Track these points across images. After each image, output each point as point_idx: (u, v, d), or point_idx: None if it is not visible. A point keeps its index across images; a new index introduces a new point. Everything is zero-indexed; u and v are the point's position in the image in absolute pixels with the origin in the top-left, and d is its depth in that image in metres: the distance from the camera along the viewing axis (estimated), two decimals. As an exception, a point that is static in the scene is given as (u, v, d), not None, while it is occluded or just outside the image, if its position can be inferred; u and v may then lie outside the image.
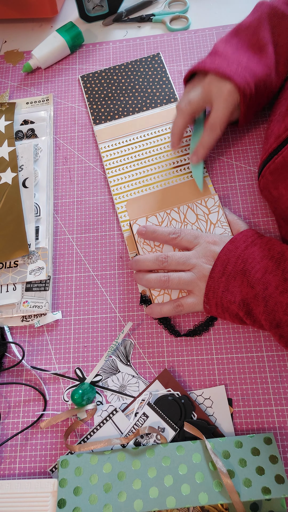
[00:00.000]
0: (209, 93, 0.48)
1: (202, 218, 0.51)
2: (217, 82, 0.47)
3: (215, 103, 0.48)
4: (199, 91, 0.48)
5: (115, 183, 0.57)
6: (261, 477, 0.40)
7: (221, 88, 0.47)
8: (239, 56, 0.49)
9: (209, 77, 0.48)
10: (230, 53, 0.50)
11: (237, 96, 0.47)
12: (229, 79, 0.46)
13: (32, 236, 0.54)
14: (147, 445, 0.43)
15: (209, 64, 0.48)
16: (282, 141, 0.45)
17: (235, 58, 0.49)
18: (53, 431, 0.46)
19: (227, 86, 0.47)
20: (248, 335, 0.48)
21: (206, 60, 0.49)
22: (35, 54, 0.66)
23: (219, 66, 0.47)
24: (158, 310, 0.48)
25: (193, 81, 0.50)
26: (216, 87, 0.47)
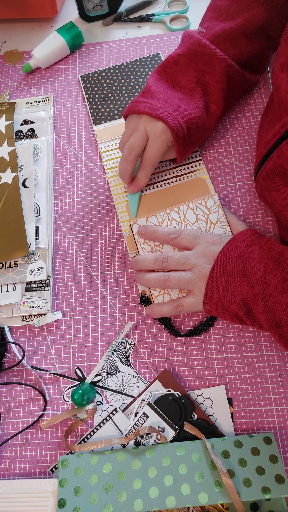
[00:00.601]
0: (145, 132, 0.50)
1: (202, 218, 0.51)
2: (151, 122, 0.49)
3: (149, 141, 0.50)
4: (137, 135, 0.50)
5: (115, 183, 0.57)
6: (261, 477, 0.40)
7: (154, 128, 0.49)
8: (170, 97, 0.51)
9: (143, 118, 0.50)
10: (162, 92, 0.51)
11: (169, 135, 0.49)
12: (162, 120, 0.48)
13: (32, 236, 0.54)
14: (147, 445, 0.43)
15: (143, 107, 0.50)
16: (271, 147, 0.45)
17: (166, 99, 0.50)
18: (53, 431, 0.46)
19: (159, 126, 0.49)
20: (248, 335, 0.48)
21: (139, 100, 0.51)
22: (35, 54, 0.66)
23: (152, 108, 0.49)
24: (158, 310, 0.48)
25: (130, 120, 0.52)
26: (150, 126, 0.49)
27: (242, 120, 0.59)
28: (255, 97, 0.61)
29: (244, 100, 0.61)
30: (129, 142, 0.50)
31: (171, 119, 0.48)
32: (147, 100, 0.50)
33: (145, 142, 0.50)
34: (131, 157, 0.51)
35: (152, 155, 0.50)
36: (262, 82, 0.61)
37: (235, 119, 0.60)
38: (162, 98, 0.50)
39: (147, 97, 0.51)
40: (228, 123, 0.60)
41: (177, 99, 0.51)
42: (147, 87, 0.52)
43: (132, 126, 0.51)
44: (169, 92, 0.51)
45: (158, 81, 0.53)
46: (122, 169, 0.52)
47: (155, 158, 0.50)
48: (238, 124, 0.59)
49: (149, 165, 0.51)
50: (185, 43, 0.53)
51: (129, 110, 0.51)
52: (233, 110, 0.60)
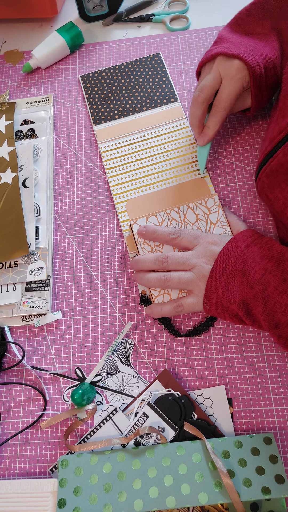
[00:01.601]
0: (219, 74, 0.47)
1: (202, 218, 0.51)
2: (225, 61, 0.47)
3: (223, 82, 0.47)
4: (209, 77, 0.48)
5: (115, 183, 0.57)
6: (261, 477, 0.40)
7: (229, 67, 0.46)
8: (245, 40, 0.48)
9: (217, 60, 0.47)
10: (235, 38, 0.49)
11: (245, 74, 0.46)
12: (238, 58, 0.46)
13: (32, 236, 0.54)
14: (147, 445, 0.43)
15: (215, 49, 0.47)
16: (277, 144, 0.44)
17: (241, 42, 0.48)
18: (53, 431, 0.46)
19: (235, 63, 0.46)
20: (248, 335, 0.48)
21: (212, 47, 0.49)
22: (35, 54, 0.66)
23: (226, 48, 0.47)
24: (158, 310, 0.48)
25: (203, 71, 0.50)
26: (225, 66, 0.47)
27: (242, 120, 0.59)
28: (255, 97, 0.61)
29: (244, 100, 0.61)
30: (200, 84, 0.47)
31: (247, 55, 0.46)
32: (220, 45, 0.48)
33: (217, 84, 0.47)
34: (200, 98, 0.47)
35: (226, 96, 0.47)
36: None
37: (235, 119, 0.60)
38: (236, 41, 0.48)
39: (220, 43, 0.49)
40: (229, 123, 0.60)
41: (252, 42, 0.48)
42: (219, 36, 0.50)
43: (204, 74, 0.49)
44: (243, 38, 0.49)
45: (230, 32, 0.51)
46: (191, 114, 0.50)
47: (229, 100, 0.47)
48: (238, 124, 0.59)
49: (221, 109, 0.48)
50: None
51: (202, 60, 0.49)
52: (233, 110, 0.60)
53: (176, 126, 0.60)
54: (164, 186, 0.56)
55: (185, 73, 0.64)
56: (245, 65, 0.46)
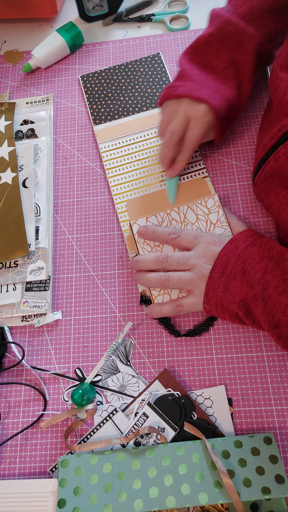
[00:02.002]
0: (186, 116, 0.49)
1: (202, 218, 0.51)
2: (192, 104, 0.49)
3: (190, 123, 0.50)
4: (178, 120, 0.50)
5: (115, 183, 0.57)
6: (261, 477, 0.40)
7: (197, 110, 0.49)
8: (206, 79, 0.51)
9: (184, 102, 0.49)
10: (197, 74, 0.51)
11: (211, 117, 0.49)
12: (205, 102, 0.48)
13: (32, 236, 0.54)
14: (147, 445, 0.43)
15: (182, 90, 0.49)
16: (268, 150, 0.45)
17: (203, 80, 0.50)
18: (53, 431, 0.46)
19: (202, 107, 0.48)
20: (248, 335, 0.48)
21: (177, 84, 0.51)
22: (35, 54, 0.66)
23: (192, 90, 0.49)
24: (158, 310, 0.48)
25: (167, 106, 0.52)
26: (192, 109, 0.49)
27: (242, 120, 0.59)
28: (255, 97, 0.61)
29: (244, 100, 0.61)
30: (170, 127, 0.50)
31: (213, 100, 0.48)
32: (184, 83, 0.50)
33: (186, 125, 0.50)
34: (172, 142, 0.50)
35: (194, 138, 0.50)
36: (262, 82, 0.61)
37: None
38: (198, 80, 0.50)
39: (184, 80, 0.50)
40: (228, 123, 0.60)
41: (212, 80, 0.50)
42: (181, 70, 0.52)
43: (170, 111, 0.51)
44: (204, 74, 0.51)
45: (190, 63, 0.52)
46: (163, 155, 0.52)
47: (196, 141, 0.50)
48: (238, 124, 0.59)
49: (189, 148, 0.51)
50: (215, 22, 0.52)
51: (167, 95, 0.51)
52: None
53: (176, 126, 0.60)
54: (164, 186, 0.56)
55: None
56: (211, 110, 0.48)
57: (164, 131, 0.53)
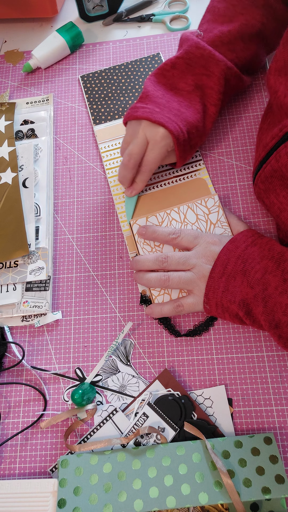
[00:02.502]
0: (145, 138, 0.50)
1: (202, 218, 0.51)
2: (151, 127, 0.49)
3: (149, 146, 0.50)
4: (137, 142, 0.50)
5: (115, 183, 0.57)
6: (261, 477, 0.40)
7: (155, 133, 0.49)
8: (169, 101, 0.51)
9: (143, 124, 0.49)
10: (160, 96, 0.51)
11: (169, 141, 0.49)
12: (163, 126, 0.48)
13: (32, 236, 0.54)
14: (147, 445, 0.43)
15: (141, 112, 0.49)
16: (269, 150, 0.45)
17: (165, 103, 0.50)
18: (53, 431, 0.46)
19: (160, 131, 0.48)
20: (248, 335, 0.48)
21: (138, 105, 0.51)
22: (35, 54, 0.66)
23: (151, 113, 0.49)
24: (159, 310, 0.48)
25: (129, 126, 0.52)
26: (150, 131, 0.49)
27: (242, 120, 0.59)
28: (255, 97, 0.61)
29: (244, 100, 0.61)
30: (129, 149, 0.50)
31: (171, 124, 0.48)
32: (145, 105, 0.50)
33: (144, 148, 0.50)
34: (130, 164, 0.50)
35: (152, 160, 0.50)
36: (262, 83, 0.61)
37: (235, 119, 0.60)
38: (160, 102, 0.50)
39: (146, 102, 0.51)
40: (228, 123, 0.60)
41: (176, 103, 0.51)
42: (145, 92, 0.52)
43: (131, 132, 0.51)
44: (168, 96, 0.51)
45: (156, 84, 0.53)
46: (121, 176, 0.52)
47: (154, 163, 0.50)
48: (238, 124, 0.59)
49: (147, 170, 0.51)
50: (183, 46, 0.53)
51: (128, 116, 0.51)
52: (233, 110, 0.60)
53: (176, 126, 0.60)
54: (164, 186, 0.56)
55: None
56: (169, 133, 0.48)
57: (123, 151, 0.53)
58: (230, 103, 0.61)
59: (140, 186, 0.53)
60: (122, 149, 0.53)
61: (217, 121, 0.60)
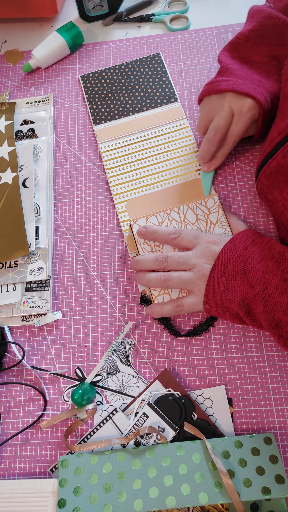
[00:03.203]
0: (231, 111, 0.49)
1: (202, 218, 0.51)
2: (237, 99, 0.49)
3: (234, 119, 0.49)
4: (223, 115, 0.49)
5: (115, 183, 0.57)
6: (261, 477, 0.40)
7: (242, 105, 0.48)
8: (248, 73, 0.50)
9: (228, 97, 0.49)
10: (239, 69, 0.51)
11: (256, 111, 0.49)
12: (250, 96, 0.48)
13: (32, 236, 0.54)
14: (147, 445, 0.43)
15: (225, 84, 0.49)
16: (276, 145, 0.45)
17: (246, 75, 0.50)
18: (53, 431, 0.46)
19: (247, 102, 0.48)
20: (248, 335, 0.48)
21: (219, 79, 0.50)
22: (35, 54, 0.66)
23: (236, 85, 0.48)
24: (159, 310, 0.48)
25: (208, 102, 0.51)
26: (237, 104, 0.49)
27: (242, 120, 0.59)
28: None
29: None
30: (215, 123, 0.49)
31: (258, 94, 0.48)
32: (228, 78, 0.49)
33: (230, 121, 0.49)
34: (217, 138, 0.50)
35: (237, 133, 0.50)
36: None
37: (235, 119, 0.60)
38: (241, 75, 0.50)
39: (227, 75, 0.50)
40: (228, 123, 0.60)
41: (256, 75, 0.50)
42: (223, 65, 0.51)
43: (210, 107, 0.50)
44: (245, 69, 0.51)
45: (231, 59, 0.52)
46: (205, 151, 0.52)
47: (239, 136, 0.50)
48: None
49: (231, 143, 0.51)
50: (256, 18, 0.52)
51: (208, 91, 0.50)
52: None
53: (176, 126, 0.60)
54: (164, 186, 0.56)
55: (185, 73, 0.64)
56: (257, 104, 0.48)
57: (202, 127, 0.53)
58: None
59: (220, 161, 0.53)
60: (200, 126, 0.53)
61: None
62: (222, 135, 0.50)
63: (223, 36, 0.66)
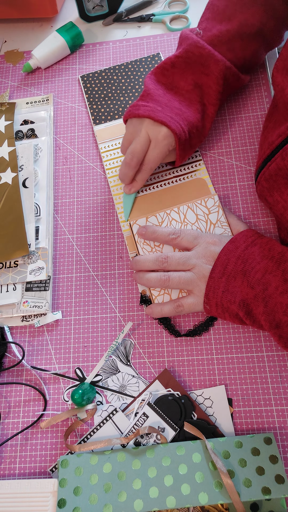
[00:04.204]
0: (147, 136, 0.50)
1: (202, 218, 0.51)
2: (153, 126, 0.49)
3: (151, 145, 0.50)
4: (139, 141, 0.50)
5: (115, 183, 0.57)
6: (261, 477, 0.40)
7: (157, 132, 0.49)
8: (170, 100, 0.51)
9: (145, 123, 0.50)
10: (161, 95, 0.51)
11: (171, 140, 0.49)
12: (165, 125, 0.48)
13: (32, 236, 0.54)
14: (147, 445, 0.43)
15: (143, 110, 0.49)
16: (275, 148, 0.45)
17: (167, 102, 0.50)
18: (53, 431, 0.46)
19: (163, 130, 0.49)
20: (248, 335, 0.48)
21: (139, 104, 0.51)
22: (35, 54, 0.66)
23: (153, 111, 0.49)
24: (159, 310, 0.48)
25: (130, 124, 0.52)
26: (153, 130, 0.49)
27: (242, 120, 0.59)
28: (255, 97, 0.61)
29: (244, 100, 0.61)
30: (131, 148, 0.50)
31: (173, 123, 0.48)
32: (146, 103, 0.50)
33: (146, 146, 0.50)
34: (133, 163, 0.51)
35: (153, 159, 0.50)
36: (262, 82, 0.61)
37: (235, 119, 0.60)
38: (162, 101, 0.50)
39: (147, 100, 0.51)
40: (228, 123, 0.60)
41: (177, 102, 0.51)
42: (146, 90, 0.52)
43: (132, 130, 0.51)
44: (168, 96, 0.52)
45: (156, 83, 0.53)
46: (122, 174, 0.52)
47: (155, 162, 0.51)
48: (238, 124, 0.59)
49: (148, 168, 0.51)
50: (183, 44, 0.53)
51: (129, 114, 0.51)
52: (233, 110, 0.60)
53: (176, 126, 0.60)
54: (164, 186, 0.56)
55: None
56: (172, 132, 0.48)
57: (125, 148, 0.53)
58: (230, 103, 0.61)
59: (140, 184, 0.53)
60: (123, 146, 0.54)
61: (217, 121, 0.60)
62: (138, 160, 0.50)
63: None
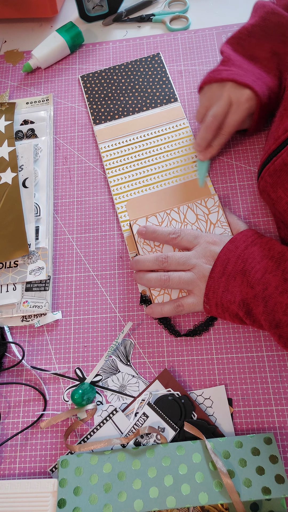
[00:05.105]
0: (229, 100, 0.49)
1: (202, 218, 0.51)
2: (236, 89, 0.49)
3: (232, 109, 0.50)
4: (222, 104, 0.49)
5: (115, 183, 0.57)
6: (261, 477, 0.40)
7: (240, 95, 0.49)
8: (250, 66, 0.51)
9: (228, 86, 0.49)
10: (241, 61, 0.51)
11: (253, 103, 0.49)
12: (249, 87, 0.48)
13: (32, 236, 0.54)
14: (147, 445, 0.43)
15: (226, 74, 0.49)
16: (281, 143, 0.45)
17: (248, 67, 0.50)
18: (53, 431, 0.46)
19: (246, 92, 0.48)
20: (248, 335, 0.48)
21: (220, 68, 0.51)
22: (35, 54, 0.66)
23: (237, 75, 0.49)
24: (159, 310, 0.48)
25: (209, 90, 0.52)
26: (236, 93, 0.49)
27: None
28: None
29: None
30: (213, 110, 0.50)
31: (257, 86, 0.48)
32: (229, 68, 0.50)
33: (227, 110, 0.50)
34: (214, 126, 0.50)
35: (233, 123, 0.50)
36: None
37: (235, 119, 0.60)
38: (243, 66, 0.50)
39: (229, 65, 0.51)
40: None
41: (257, 69, 0.51)
42: (226, 56, 0.52)
43: (210, 96, 0.51)
44: (247, 62, 0.51)
45: (233, 52, 0.53)
46: (201, 138, 0.52)
47: (235, 126, 0.50)
48: (238, 124, 0.59)
49: (227, 132, 0.51)
50: (259, 12, 0.52)
51: (210, 79, 0.51)
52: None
53: (176, 126, 0.60)
54: (164, 186, 0.56)
55: (185, 73, 0.64)
56: (255, 96, 0.48)
57: (201, 115, 0.53)
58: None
59: (216, 150, 0.53)
60: (199, 114, 0.53)
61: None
62: (219, 123, 0.50)
63: (223, 36, 0.66)
